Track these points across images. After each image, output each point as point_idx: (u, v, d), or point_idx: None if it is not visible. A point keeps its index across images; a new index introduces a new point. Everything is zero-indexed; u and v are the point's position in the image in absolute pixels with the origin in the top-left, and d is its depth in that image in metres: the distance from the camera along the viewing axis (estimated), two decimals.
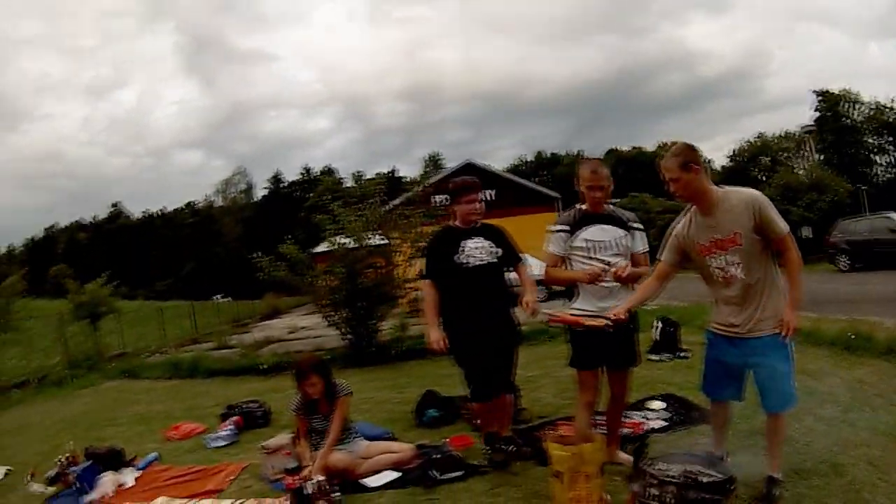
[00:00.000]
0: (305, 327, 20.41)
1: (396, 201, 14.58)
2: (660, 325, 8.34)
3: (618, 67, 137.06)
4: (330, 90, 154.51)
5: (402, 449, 4.94)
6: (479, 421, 4.98)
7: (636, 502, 3.10)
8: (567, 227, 4.10)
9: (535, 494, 3.95)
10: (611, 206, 4.20)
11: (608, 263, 3.97)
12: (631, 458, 3.80)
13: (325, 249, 12.95)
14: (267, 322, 29.52)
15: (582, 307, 4.06)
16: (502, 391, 4.66)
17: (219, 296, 50.10)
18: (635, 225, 4.19)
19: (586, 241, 4.03)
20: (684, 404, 5.51)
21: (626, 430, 4.68)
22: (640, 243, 4.17)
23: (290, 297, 39.00)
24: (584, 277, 3.95)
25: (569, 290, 4.24)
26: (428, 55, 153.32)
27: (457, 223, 4.62)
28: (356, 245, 11.41)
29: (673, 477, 2.97)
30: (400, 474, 4.60)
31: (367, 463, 4.73)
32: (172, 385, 11.98)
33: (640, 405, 5.40)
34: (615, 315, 3.62)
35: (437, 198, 13.58)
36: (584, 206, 4.12)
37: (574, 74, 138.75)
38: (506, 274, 4.67)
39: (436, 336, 4.42)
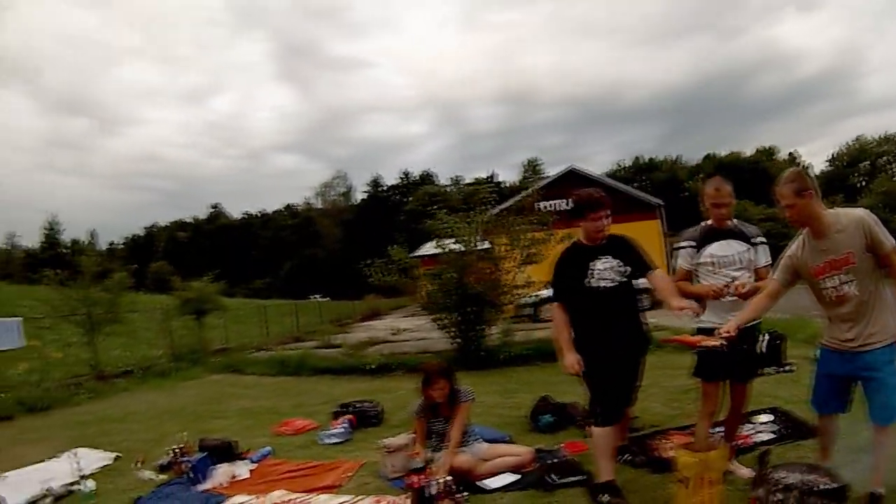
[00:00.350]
0: (408, 329, 20.54)
1: (501, 207, 14.77)
2: (766, 337, 8.16)
3: (711, 69, 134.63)
4: (425, 95, 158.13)
5: (521, 452, 5.07)
6: (591, 438, 4.75)
7: None
8: (693, 243, 4.43)
9: (650, 500, 4.09)
10: (734, 222, 4.45)
11: (732, 278, 4.24)
12: (743, 469, 4.24)
13: (430, 253, 13.06)
14: (368, 323, 30.21)
15: (709, 319, 4.29)
16: (628, 405, 4.62)
17: (317, 295, 51.34)
18: (758, 239, 4.43)
19: (711, 255, 4.34)
20: (790, 418, 5.65)
21: (735, 443, 4.75)
22: (763, 257, 4.41)
23: (389, 300, 39.67)
24: (708, 293, 4.25)
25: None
26: (521, 60, 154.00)
27: (582, 240, 4.44)
28: (465, 250, 11.60)
29: (793, 483, 3.21)
30: (518, 477, 4.73)
31: (487, 465, 4.86)
32: (278, 382, 12.29)
33: (747, 418, 5.42)
34: (725, 332, 3.80)
35: (542, 204, 13.53)
36: (709, 222, 4.43)
37: (667, 77, 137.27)
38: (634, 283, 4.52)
39: (571, 360, 4.26)
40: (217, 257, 72.64)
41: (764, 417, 5.71)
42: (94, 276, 14.46)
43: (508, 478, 4.72)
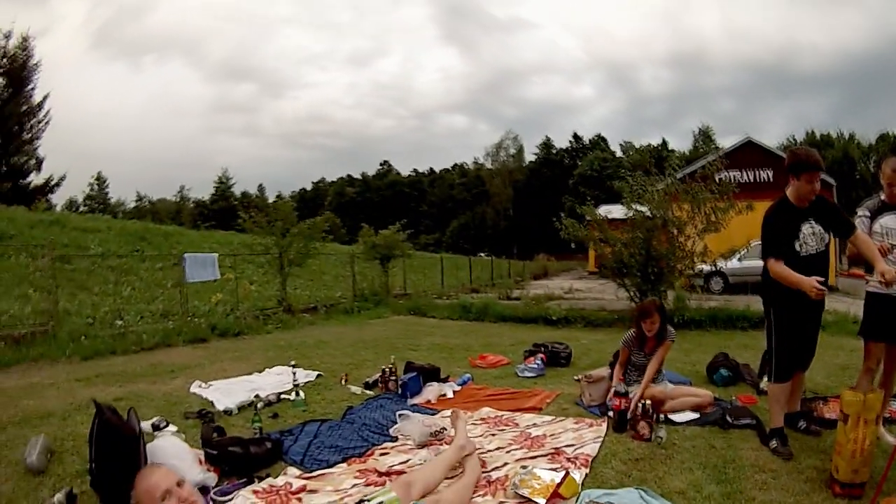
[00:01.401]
0: (580, 290, 20.85)
1: (684, 172, 15.18)
2: None
3: (889, 34, 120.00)
4: (592, 57, 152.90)
5: (701, 394, 5.73)
6: (767, 393, 5.23)
7: None
8: (869, 214, 4.94)
9: (809, 447, 4.59)
10: None
11: None
12: (889, 436, 4.61)
13: (610, 217, 13.45)
14: (539, 281, 30.96)
15: (875, 277, 4.61)
16: (804, 369, 5.01)
17: (483, 253, 52.33)
18: None
19: (882, 226, 4.84)
20: None
21: (885, 412, 5.05)
22: None
23: (558, 262, 40.00)
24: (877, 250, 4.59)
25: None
26: (690, 20, 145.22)
27: (790, 198, 4.65)
28: (653, 215, 12.05)
29: None
30: (698, 415, 5.40)
31: (672, 402, 5.53)
32: (462, 325, 13.25)
33: None
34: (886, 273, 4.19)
35: (723, 174, 13.54)
36: (883, 197, 4.91)
37: (842, 43, 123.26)
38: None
39: (811, 282, 4.26)
40: (385, 212, 75.19)
41: None
42: (287, 221, 15.59)
43: (690, 415, 5.40)
